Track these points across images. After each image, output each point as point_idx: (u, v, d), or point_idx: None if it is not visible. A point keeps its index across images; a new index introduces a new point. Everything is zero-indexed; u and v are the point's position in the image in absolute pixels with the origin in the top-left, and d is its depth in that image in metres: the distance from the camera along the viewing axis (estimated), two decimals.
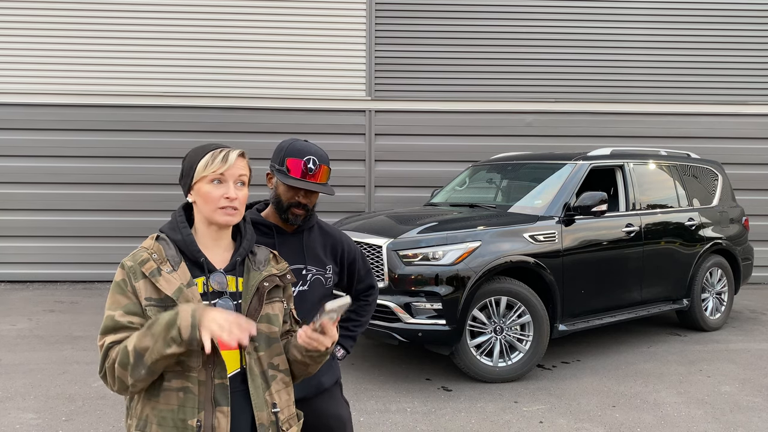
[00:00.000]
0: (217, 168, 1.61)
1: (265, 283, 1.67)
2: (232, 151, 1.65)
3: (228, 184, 1.63)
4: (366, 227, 5.15)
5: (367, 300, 2.55)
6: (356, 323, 2.54)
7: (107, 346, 1.53)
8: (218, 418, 1.53)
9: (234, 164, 1.63)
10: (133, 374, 1.48)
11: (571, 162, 5.67)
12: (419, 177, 8.84)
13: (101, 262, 8.57)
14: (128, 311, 1.55)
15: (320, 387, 2.30)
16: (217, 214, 1.62)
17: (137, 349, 1.46)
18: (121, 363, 1.48)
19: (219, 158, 1.62)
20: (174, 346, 1.45)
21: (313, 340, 1.58)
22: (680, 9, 9.14)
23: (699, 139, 9.09)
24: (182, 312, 1.46)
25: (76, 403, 4.34)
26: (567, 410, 4.30)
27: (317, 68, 8.82)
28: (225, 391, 1.55)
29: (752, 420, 4.17)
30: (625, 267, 5.58)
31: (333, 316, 1.58)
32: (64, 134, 8.58)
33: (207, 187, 1.62)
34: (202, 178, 1.63)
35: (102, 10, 8.60)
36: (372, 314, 2.61)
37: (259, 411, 1.61)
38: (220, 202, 1.61)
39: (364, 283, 2.52)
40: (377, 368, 5.20)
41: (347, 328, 2.53)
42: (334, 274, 2.35)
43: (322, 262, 2.31)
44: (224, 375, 1.56)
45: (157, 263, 1.58)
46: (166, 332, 1.45)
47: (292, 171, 2.16)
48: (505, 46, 8.98)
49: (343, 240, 2.41)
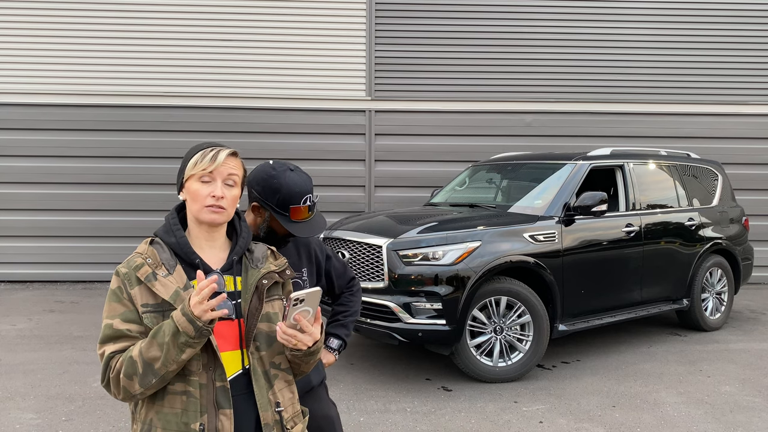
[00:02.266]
0: (206, 166, 1.61)
1: (264, 281, 1.66)
2: (222, 150, 1.64)
3: (216, 182, 1.62)
4: (366, 227, 5.15)
5: (350, 290, 2.59)
6: (345, 312, 2.57)
7: (109, 356, 1.53)
8: (221, 420, 1.53)
9: (223, 163, 1.62)
10: (142, 383, 1.48)
11: (571, 162, 5.67)
12: (419, 177, 8.84)
13: (101, 262, 8.57)
14: (126, 319, 1.54)
15: (308, 384, 2.34)
16: (204, 212, 1.61)
17: (145, 360, 1.47)
18: (127, 374, 1.48)
19: (208, 157, 1.62)
20: (188, 349, 1.47)
21: (291, 337, 1.55)
22: (680, 9, 9.14)
23: (699, 139, 9.09)
24: (176, 316, 1.48)
25: (76, 403, 4.34)
26: (567, 410, 4.30)
27: (317, 68, 8.82)
28: (227, 394, 1.55)
29: (752, 420, 4.17)
30: (625, 267, 5.58)
31: (307, 309, 1.54)
32: (64, 134, 8.59)
33: (195, 186, 1.62)
34: (192, 177, 1.62)
35: (102, 10, 8.60)
36: (360, 303, 2.64)
37: (264, 411, 1.60)
38: (206, 200, 1.61)
39: (344, 277, 2.56)
40: (377, 368, 5.20)
41: (337, 319, 2.56)
42: (309, 276, 2.39)
43: (295, 266, 2.33)
44: (224, 378, 1.55)
45: (152, 267, 1.57)
46: (174, 340, 1.46)
47: (295, 216, 2.19)
48: (505, 46, 8.98)
49: (312, 240, 2.46)
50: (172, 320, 1.48)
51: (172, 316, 1.48)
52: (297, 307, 1.52)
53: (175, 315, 1.48)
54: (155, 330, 1.49)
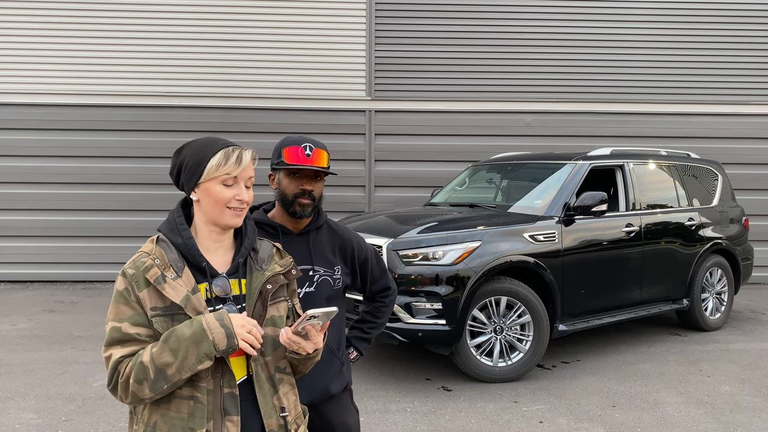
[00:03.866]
0: (232, 170, 1.55)
1: (268, 286, 1.61)
2: (245, 152, 1.59)
3: (240, 185, 1.57)
4: (366, 227, 5.15)
5: (383, 302, 2.46)
6: (371, 325, 2.45)
7: (117, 360, 1.47)
8: (227, 427, 1.50)
9: (248, 166, 1.59)
10: (153, 388, 1.44)
11: (571, 162, 5.67)
12: (419, 177, 8.84)
13: (101, 262, 8.57)
14: (134, 323, 1.49)
15: (327, 393, 2.23)
16: (227, 215, 1.57)
17: (157, 365, 1.42)
18: (137, 379, 1.44)
19: (233, 159, 1.56)
20: (207, 360, 1.45)
21: (294, 343, 1.54)
22: (681, 9, 9.14)
23: (699, 139, 9.09)
24: (210, 324, 1.44)
25: (76, 403, 4.34)
26: (567, 410, 4.30)
27: (317, 68, 8.82)
28: (234, 400, 1.51)
29: (752, 420, 4.17)
30: (625, 267, 5.58)
31: (317, 322, 1.52)
32: (65, 134, 8.59)
33: (218, 188, 1.55)
34: (214, 179, 1.56)
35: (103, 10, 8.60)
36: (389, 317, 2.51)
37: (268, 418, 1.57)
38: (232, 203, 1.56)
39: (379, 284, 2.42)
40: (377, 368, 5.20)
41: (362, 330, 2.45)
42: (343, 275, 2.27)
43: (330, 262, 2.23)
44: (233, 384, 1.52)
45: (161, 269, 1.51)
46: (194, 347, 1.42)
47: (290, 158, 2.11)
48: (505, 46, 8.98)
49: (352, 239, 2.33)
50: (199, 326, 1.43)
51: (201, 321, 1.44)
52: (310, 321, 1.51)
53: (210, 322, 1.43)
54: (167, 335, 1.45)
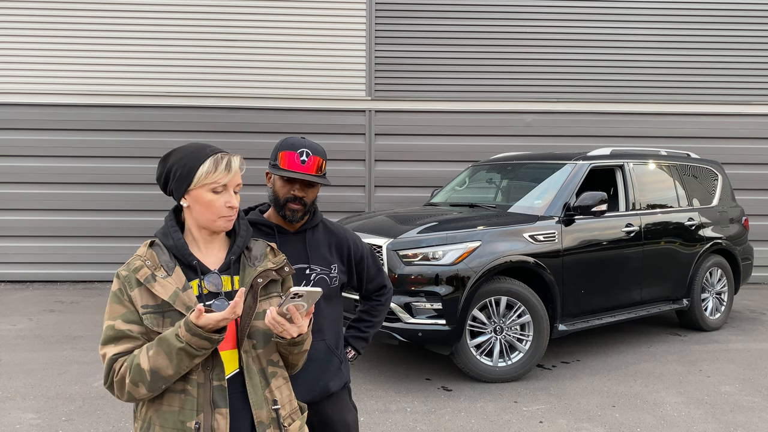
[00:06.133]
0: (221, 178, 1.59)
1: (259, 280, 1.65)
2: (234, 159, 1.63)
3: (229, 191, 1.62)
4: (366, 227, 5.15)
5: (379, 300, 2.47)
6: (368, 324, 2.46)
7: (112, 358, 1.53)
8: (217, 419, 1.54)
9: (236, 172, 1.63)
10: (151, 389, 1.50)
11: (571, 162, 5.67)
12: (419, 177, 8.84)
13: (101, 262, 8.57)
14: (127, 320, 1.55)
15: (326, 391, 2.24)
16: (219, 222, 1.62)
17: (153, 369, 1.47)
18: (133, 381, 1.49)
19: (222, 166, 1.60)
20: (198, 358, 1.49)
21: (278, 324, 1.55)
22: (681, 9, 9.14)
23: (699, 139, 9.09)
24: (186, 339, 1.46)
25: (76, 403, 4.34)
26: (567, 410, 4.30)
27: (317, 68, 8.82)
28: (223, 393, 1.55)
29: (752, 420, 4.17)
30: (625, 267, 5.58)
31: (302, 303, 1.54)
32: (65, 134, 8.59)
33: (209, 196, 1.60)
34: (203, 186, 1.60)
35: (104, 10, 8.60)
36: (386, 315, 2.50)
37: (258, 409, 1.60)
38: (222, 210, 1.61)
39: (375, 283, 2.44)
40: (377, 368, 5.20)
41: (359, 329, 2.46)
42: (340, 273, 2.28)
43: (326, 261, 2.24)
44: (222, 377, 1.56)
45: (151, 269, 1.58)
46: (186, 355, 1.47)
47: (284, 163, 2.11)
48: (505, 46, 8.98)
49: (348, 238, 2.34)
50: (184, 343, 1.45)
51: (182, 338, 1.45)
52: (293, 300, 1.52)
53: (185, 337, 1.45)
54: (160, 339, 1.49)
